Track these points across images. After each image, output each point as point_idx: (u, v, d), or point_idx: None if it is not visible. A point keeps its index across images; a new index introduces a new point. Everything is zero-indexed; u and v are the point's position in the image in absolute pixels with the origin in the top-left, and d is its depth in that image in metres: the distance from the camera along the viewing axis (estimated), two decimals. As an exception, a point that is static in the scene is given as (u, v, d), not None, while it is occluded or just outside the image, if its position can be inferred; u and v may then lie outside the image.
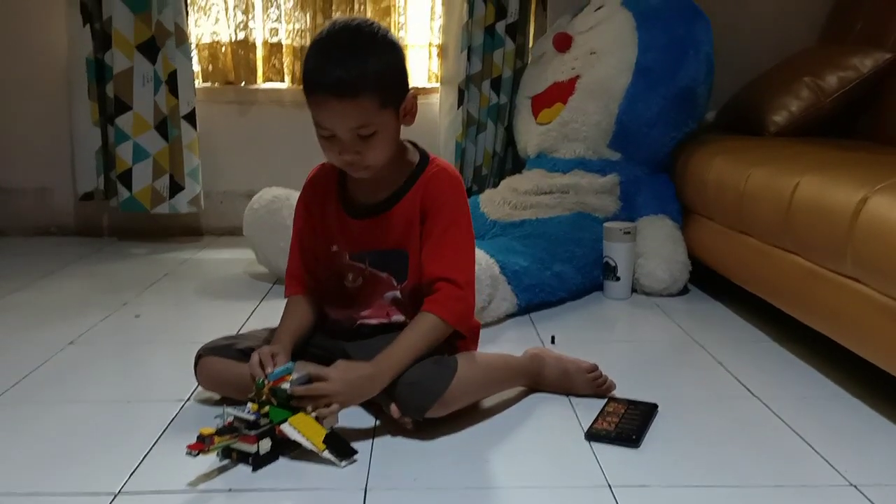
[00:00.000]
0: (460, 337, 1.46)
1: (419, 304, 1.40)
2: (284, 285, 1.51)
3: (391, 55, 1.33)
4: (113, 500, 1.12)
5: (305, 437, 1.20)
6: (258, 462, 1.20)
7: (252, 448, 1.19)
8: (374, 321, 1.45)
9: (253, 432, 1.19)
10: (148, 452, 1.26)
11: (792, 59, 2.63)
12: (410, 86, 1.39)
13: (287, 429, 1.21)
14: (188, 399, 1.47)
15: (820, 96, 2.37)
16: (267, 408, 1.23)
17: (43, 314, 2.02)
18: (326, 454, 1.20)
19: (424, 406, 1.29)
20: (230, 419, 1.22)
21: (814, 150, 1.99)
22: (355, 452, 1.23)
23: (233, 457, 1.22)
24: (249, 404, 1.24)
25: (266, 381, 1.25)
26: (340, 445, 1.22)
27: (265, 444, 1.21)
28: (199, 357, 1.43)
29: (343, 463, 1.20)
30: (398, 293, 1.43)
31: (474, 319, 1.53)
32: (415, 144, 1.47)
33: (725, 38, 2.58)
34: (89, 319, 1.95)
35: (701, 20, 2.45)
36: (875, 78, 2.36)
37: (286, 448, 1.23)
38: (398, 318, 1.44)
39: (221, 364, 1.41)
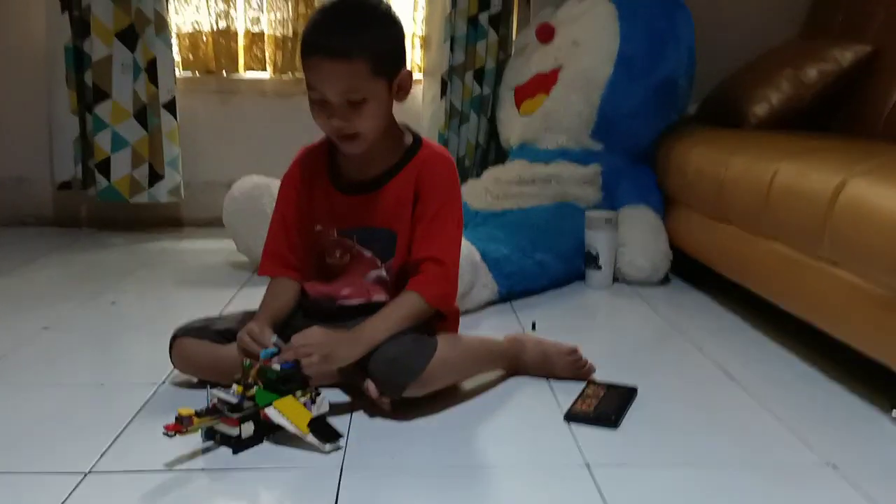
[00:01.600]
0: (441, 319, 1.45)
1: (403, 286, 1.39)
2: (259, 263, 1.49)
3: (390, 28, 1.35)
4: (83, 479, 1.10)
5: (290, 421, 1.18)
6: (240, 445, 1.18)
7: (234, 430, 1.18)
8: (354, 301, 1.43)
9: (235, 415, 1.18)
10: (120, 433, 1.24)
11: (773, 51, 2.64)
12: (407, 65, 1.39)
13: (272, 412, 1.19)
14: (163, 382, 1.45)
15: (800, 89, 2.38)
16: (253, 390, 1.22)
17: (18, 301, 1.99)
18: (310, 438, 1.18)
19: (402, 384, 1.27)
20: (214, 400, 1.20)
21: (792, 139, 1.99)
22: (340, 436, 1.21)
23: (216, 439, 1.20)
24: (234, 386, 1.22)
25: (253, 363, 1.24)
26: (325, 429, 1.20)
27: (248, 428, 1.19)
28: (174, 338, 1.41)
29: (328, 447, 1.18)
30: (383, 272, 1.42)
31: (455, 304, 1.52)
32: (408, 127, 1.46)
33: (707, 30, 2.59)
34: (65, 306, 1.92)
35: (682, 12, 2.46)
36: (855, 71, 2.37)
37: (270, 431, 1.22)
38: (379, 298, 1.42)
39: (198, 346, 1.39)
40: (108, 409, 1.34)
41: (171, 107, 2.75)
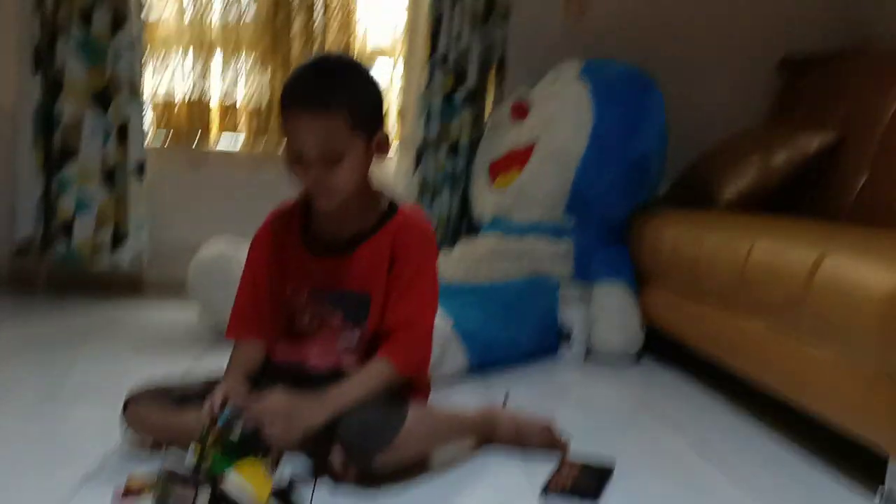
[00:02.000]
0: (411, 388, 1.40)
1: (375, 351, 1.34)
2: (228, 325, 1.43)
3: (370, 86, 1.34)
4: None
5: (248, 492, 1.10)
6: None
7: (188, 501, 1.09)
8: (323, 367, 1.37)
9: (191, 482, 1.09)
10: (70, 500, 1.14)
11: (741, 135, 2.70)
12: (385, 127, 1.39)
13: (231, 480, 1.10)
14: (116, 447, 1.35)
15: (768, 173, 2.42)
16: (210, 458, 1.13)
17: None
18: None
19: (372, 452, 1.20)
20: (168, 467, 1.11)
21: (765, 219, 2.01)
22: None
23: None
24: (192, 445, 1.14)
25: (211, 428, 1.16)
26: (287, 502, 1.12)
27: (202, 498, 1.10)
28: (127, 401, 1.33)
29: None
30: (354, 337, 1.37)
31: (427, 372, 1.47)
32: (386, 191, 1.44)
33: (676, 113, 2.64)
34: (11, 371, 1.82)
35: (655, 92, 2.51)
36: (820, 156, 2.42)
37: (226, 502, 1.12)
38: (348, 362, 1.37)
39: (153, 409, 1.31)
40: (57, 472, 1.25)
41: (139, 172, 2.71)
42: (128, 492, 1.04)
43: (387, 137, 1.37)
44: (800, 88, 2.80)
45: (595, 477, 1.31)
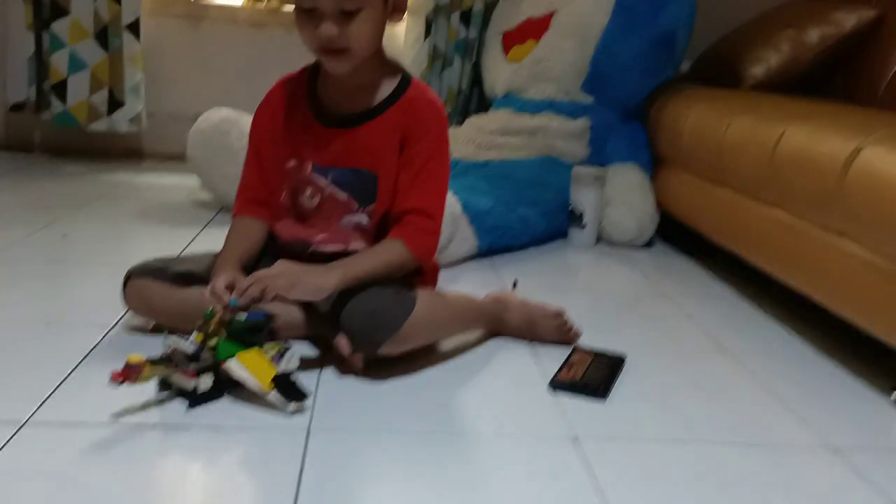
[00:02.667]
0: (419, 273, 1.35)
1: (383, 236, 1.28)
2: (235, 202, 1.36)
3: None
4: (18, 429, 0.98)
5: (252, 376, 1.07)
6: (196, 399, 1.07)
7: (190, 384, 1.07)
8: (330, 247, 1.31)
9: (192, 366, 1.07)
10: (64, 379, 1.12)
11: (773, 11, 2.54)
12: None
13: (233, 365, 1.08)
14: (115, 325, 1.32)
15: (800, 51, 2.29)
16: (215, 340, 1.10)
17: (-41, 228, 1.84)
18: (273, 396, 1.07)
19: (379, 340, 1.17)
20: (170, 349, 1.09)
21: (796, 101, 1.90)
22: (305, 397, 1.09)
23: (172, 390, 1.09)
24: (194, 334, 1.11)
25: (216, 311, 1.12)
26: (290, 387, 1.09)
27: (205, 381, 1.08)
28: (128, 277, 1.28)
29: (290, 407, 1.08)
30: (363, 218, 1.30)
31: (435, 258, 1.42)
32: (399, 63, 1.34)
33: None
34: (11, 234, 1.78)
35: (687, -40, 2.33)
36: (857, 35, 2.28)
37: (230, 387, 1.10)
38: (357, 246, 1.31)
39: (154, 287, 1.27)
40: (53, 351, 1.22)
41: (134, 28, 2.56)
42: (126, 374, 1.01)
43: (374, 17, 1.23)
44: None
45: (606, 367, 1.29)
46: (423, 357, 1.27)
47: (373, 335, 1.17)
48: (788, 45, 2.30)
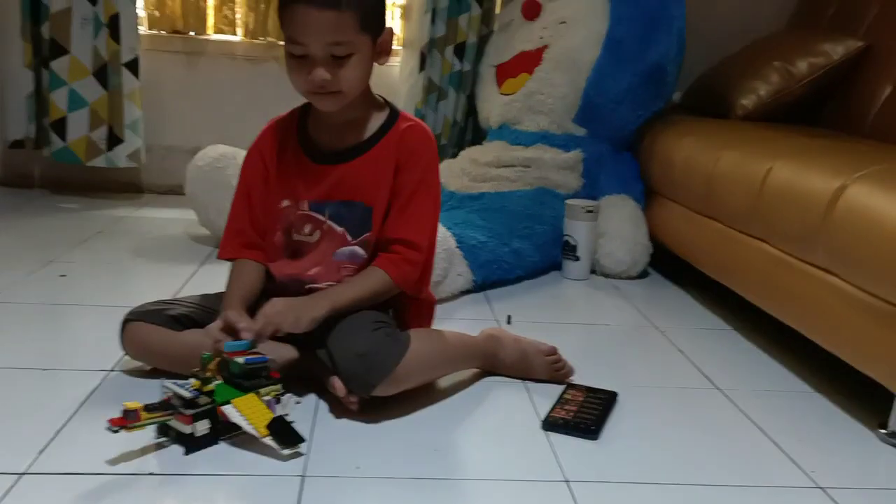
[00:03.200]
0: (412, 303, 1.39)
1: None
2: (220, 244, 1.39)
3: None
4: (16, 482, 0.99)
5: (247, 420, 1.09)
6: (193, 444, 1.09)
7: (187, 429, 1.08)
8: (323, 283, 1.33)
9: (189, 411, 1.08)
10: (62, 427, 1.14)
11: (762, 42, 2.57)
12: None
13: (229, 410, 1.10)
14: (112, 369, 1.34)
15: (790, 81, 2.32)
16: (212, 385, 1.12)
17: (-41, 268, 1.86)
18: (268, 440, 1.08)
19: (372, 382, 1.19)
20: (168, 394, 1.10)
21: (785, 135, 1.93)
22: (302, 441, 1.11)
23: (170, 435, 1.11)
24: (191, 380, 1.12)
25: (213, 355, 1.14)
26: (285, 432, 1.10)
27: (202, 426, 1.09)
28: (125, 322, 1.30)
29: (286, 451, 1.09)
30: (357, 249, 1.33)
31: (430, 294, 1.44)
32: (385, 99, 1.38)
33: (695, 16, 2.50)
34: (9, 276, 1.80)
35: (675, -5, 2.37)
36: (845, 66, 2.31)
37: (227, 431, 1.12)
38: (349, 277, 1.33)
39: (151, 331, 1.28)
40: (50, 398, 1.23)
41: (133, 66, 2.59)
42: (122, 419, 1.03)
43: (391, 34, 1.31)
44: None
45: (599, 404, 1.30)
46: (417, 397, 1.28)
47: (366, 378, 1.19)
48: (777, 76, 2.33)
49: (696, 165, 1.95)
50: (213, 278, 1.38)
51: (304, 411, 1.23)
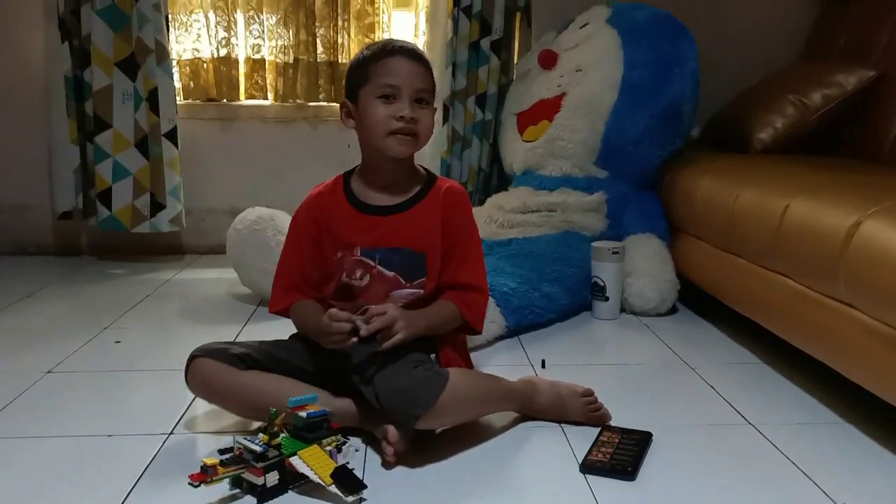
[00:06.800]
0: (452, 356, 1.49)
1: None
2: (270, 300, 1.50)
3: None
4: (95, 545, 1.08)
5: (313, 470, 1.18)
6: (264, 495, 1.18)
7: (259, 480, 1.17)
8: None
9: (260, 464, 1.17)
10: (132, 489, 1.22)
11: (775, 75, 2.63)
12: None
13: (296, 461, 1.19)
14: (172, 432, 1.42)
15: (805, 113, 2.37)
16: (279, 438, 1.22)
17: (20, 340, 1.97)
18: (333, 489, 1.17)
19: (416, 413, 1.26)
20: (239, 449, 1.19)
21: (803, 170, 1.98)
22: (364, 487, 1.19)
23: (243, 486, 1.19)
24: (260, 435, 1.22)
25: (279, 411, 1.25)
26: (348, 480, 1.19)
27: (272, 477, 1.18)
28: (192, 358, 1.40)
29: (350, 498, 1.17)
30: (418, 291, 1.46)
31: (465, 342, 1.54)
32: (423, 167, 1.56)
33: (708, 54, 2.58)
34: (68, 345, 1.90)
35: (686, 37, 2.45)
36: (859, 95, 2.36)
37: (295, 481, 1.21)
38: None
39: (215, 367, 1.38)
40: (116, 462, 1.32)
41: (172, 135, 2.74)
42: (202, 475, 1.12)
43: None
44: (836, 21, 2.71)
45: (635, 445, 1.35)
46: (457, 441, 1.36)
47: (410, 410, 1.27)
48: (792, 108, 2.38)
49: (716, 203, 2.01)
50: (260, 334, 1.47)
51: (356, 461, 1.30)
